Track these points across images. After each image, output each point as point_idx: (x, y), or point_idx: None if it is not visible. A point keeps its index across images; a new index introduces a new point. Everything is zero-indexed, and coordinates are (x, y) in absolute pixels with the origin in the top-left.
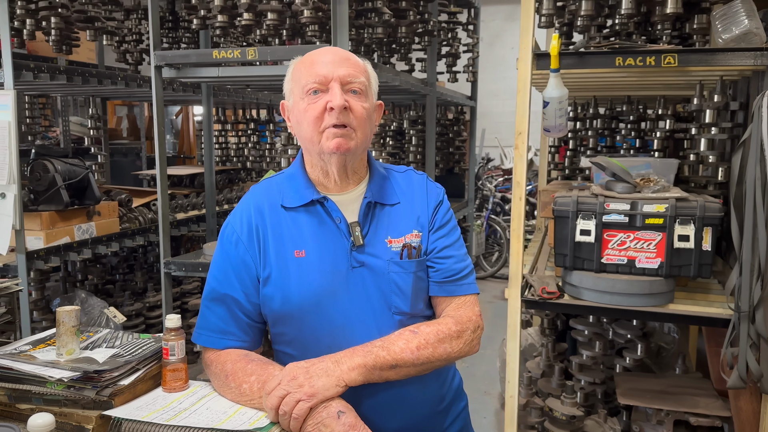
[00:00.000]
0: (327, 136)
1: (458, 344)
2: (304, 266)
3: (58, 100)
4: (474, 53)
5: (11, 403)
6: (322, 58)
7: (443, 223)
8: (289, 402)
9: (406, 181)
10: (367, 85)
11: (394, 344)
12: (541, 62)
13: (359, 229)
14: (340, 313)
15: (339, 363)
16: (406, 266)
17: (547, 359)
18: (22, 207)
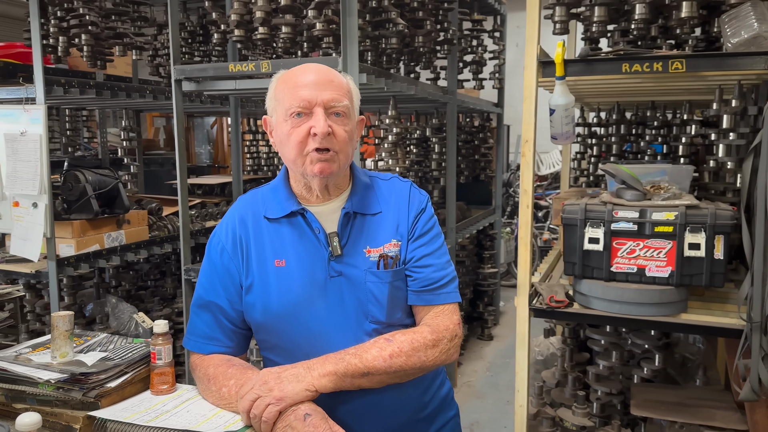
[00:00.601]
0: (311, 159)
1: (433, 353)
2: (284, 276)
3: (97, 113)
4: (500, 60)
5: (8, 403)
6: (306, 79)
7: (424, 232)
8: (259, 405)
9: (389, 189)
10: (350, 107)
11: (367, 352)
12: (548, 70)
13: (337, 240)
14: (318, 321)
15: (310, 369)
16: (382, 276)
17: (562, 369)
18: (54, 216)
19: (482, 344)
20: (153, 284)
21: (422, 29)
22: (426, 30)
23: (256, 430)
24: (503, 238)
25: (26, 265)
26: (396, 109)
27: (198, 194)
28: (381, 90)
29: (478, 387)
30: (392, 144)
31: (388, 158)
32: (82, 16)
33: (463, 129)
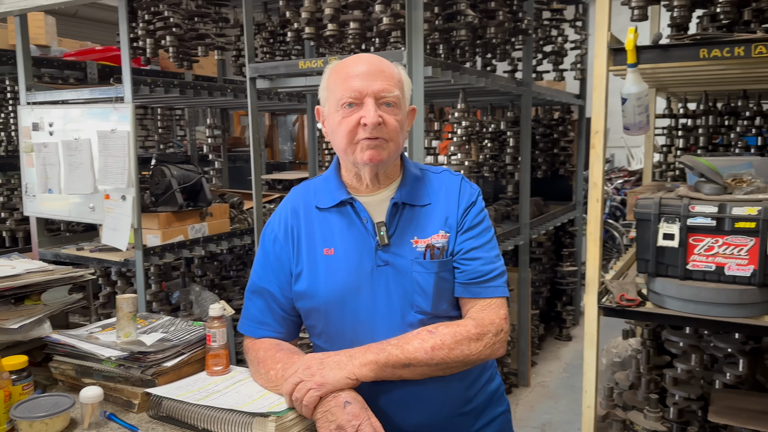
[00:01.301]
0: (361, 147)
1: (477, 347)
2: (332, 264)
3: (186, 112)
4: (582, 50)
5: (78, 377)
6: (357, 69)
7: (473, 224)
8: (301, 389)
9: (440, 182)
10: (401, 97)
11: (408, 343)
12: (619, 57)
13: (385, 229)
14: (364, 309)
15: (352, 358)
16: (428, 266)
17: (637, 371)
18: (142, 208)
19: (559, 344)
20: (234, 274)
21: (494, 20)
22: (498, 21)
23: (298, 412)
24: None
25: (116, 254)
26: (465, 102)
27: (278, 189)
28: (448, 83)
29: (552, 388)
30: (461, 138)
31: (458, 152)
32: (166, 19)
33: (541, 122)
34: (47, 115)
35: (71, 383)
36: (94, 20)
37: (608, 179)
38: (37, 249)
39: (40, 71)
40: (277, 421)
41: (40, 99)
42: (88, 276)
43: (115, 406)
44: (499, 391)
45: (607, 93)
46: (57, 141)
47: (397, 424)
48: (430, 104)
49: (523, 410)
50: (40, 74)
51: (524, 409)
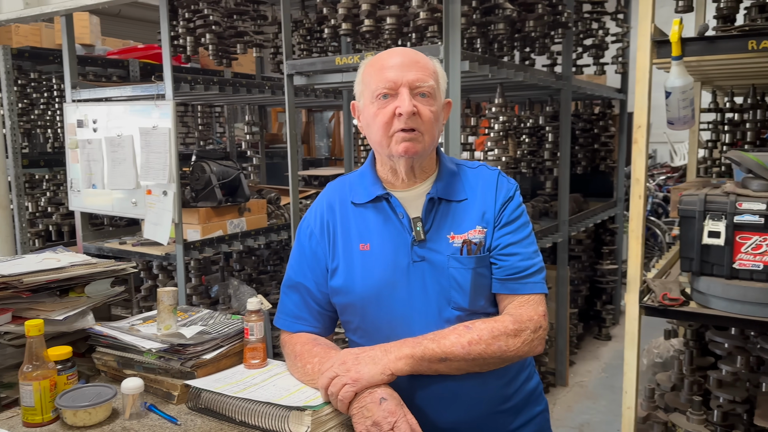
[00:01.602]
0: (396, 140)
1: (515, 343)
2: (368, 259)
3: (225, 109)
4: (624, 43)
5: (119, 369)
6: (391, 61)
7: (511, 220)
8: (336, 384)
9: (477, 176)
10: (436, 88)
11: (445, 338)
12: (663, 50)
13: (421, 225)
14: (400, 305)
15: (387, 352)
16: (465, 262)
17: (679, 372)
18: (183, 203)
19: (599, 344)
20: (272, 269)
21: (533, 13)
22: (537, 14)
23: (333, 407)
24: (626, 233)
25: (158, 248)
26: (503, 97)
27: (314, 185)
28: (486, 77)
29: (591, 388)
30: (499, 133)
31: (495, 147)
32: (206, 17)
33: (581, 117)
34: (91, 112)
35: (113, 374)
36: (137, 19)
37: (651, 175)
38: (82, 243)
39: (85, 69)
40: (313, 415)
41: (84, 96)
42: (130, 269)
43: (155, 398)
44: (538, 390)
45: (650, 87)
46: (101, 137)
47: (433, 421)
48: (467, 99)
49: (560, 410)
50: (85, 72)
51: (562, 409)
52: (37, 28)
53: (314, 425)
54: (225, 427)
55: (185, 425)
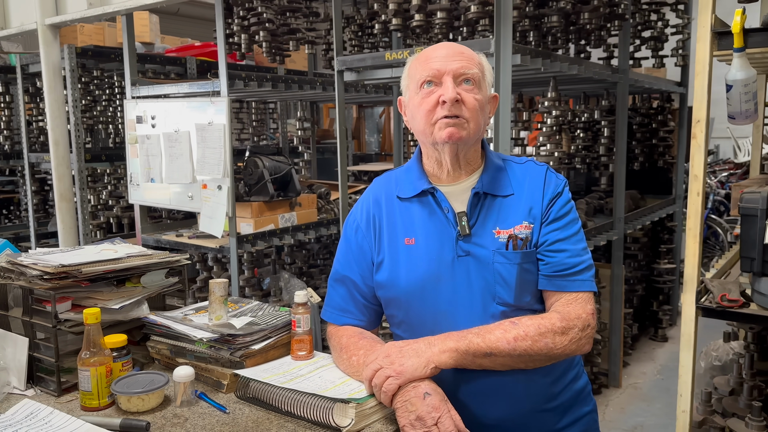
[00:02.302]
0: (439, 126)
1: (562, 341)
2: (413, 253)
3: (278, 105)
4: (684, 35)
5: (172, 357)
6: (436, 53)
7: (559, 216)
8: (380, 376)
9: (524, 172)
10: (481, 77)
11: (490, 333)
12: (724, 41)
13: (466, 219)
14: (444, 299)
15: (431, 345)
16: (510, 257)
17: (739, 376)
18: (236, 198)
19: (654, 345)
20: (322, 263)
21: (588, 5)
22: (593, 6)
23: (377, 399)
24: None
25: (212, 241)
26: (556, 91)
27: (364, 180)
28: (538, 71)
29: (645, 390)
30: (552, 128)
31: (547, 142)
32: (260, 14)
33: (639, 111)
34: (150, 108)
35: (166, 362)
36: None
37: (711, 172)
38: (140, 235)
39: (145, 67)
40: (357, 408)
41: (143, 93)
42: (184, 261)
43: (205, 386)
44: (586, 390)
45: (710, 80)
46: (159, 133)
47: (476, 417)
48: (519, 93)
49: (612, 412)
50: (144, 70)
51: (614, 410)
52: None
53: (358, 418)
54: (272, 417)
55: (234, 414)
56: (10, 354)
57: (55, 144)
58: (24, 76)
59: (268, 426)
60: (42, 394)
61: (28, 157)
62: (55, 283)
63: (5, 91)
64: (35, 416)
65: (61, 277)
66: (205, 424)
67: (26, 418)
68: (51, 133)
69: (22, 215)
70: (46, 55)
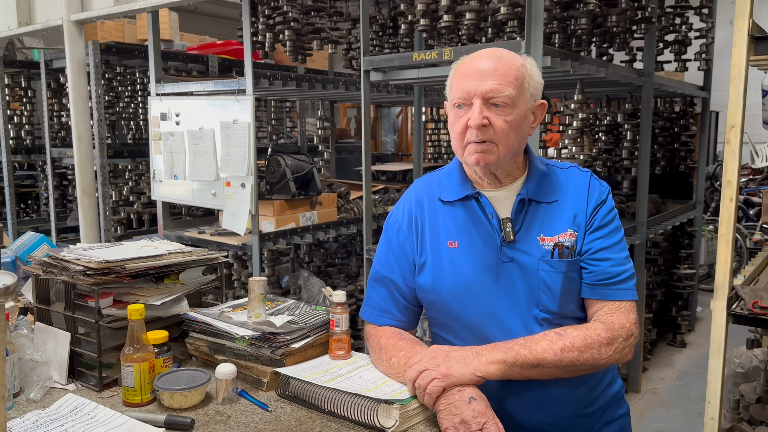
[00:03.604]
0: (469, 150)
1: (607, 351)
2: (456, 257)
3: (297, 104)
4: (708, 39)
5: (211, 354)
6: (470, 69)
7: (603, 224)
8: (425, 377)
9: (567, 178)
10: (514, 96)
11: (537, 344)
12: (761, 46)
13: (510, 225)
14: (488, 304)
15: (479, 355)
16: (556, 266)
17: (765, 383)
18: (258, 195)
19: (673, 351)
20: (340, 262)
21: (616, 8)
22: (620, 9)
23: (419, 400)
24: (704, 237)
25: (234, 238)
26: (583, 93)
27: (381, 180)
28: (567, 73)
29: (664, 395)
30: (577, 130)
31: (572, 145)
32: (285, 13)
33: (661, 115)
34: (174, 105)
35: (204, 359)
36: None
37: None
38: (163, 231)
39: (167, 64)
40: (401, 409)
41: (168, 90)
42: (222, 258)
43: (245, 383)
44: (620, 394)
45: (746, 85)
46: (183, 130)
47: (518, 422)
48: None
49: (633, 417)
50: (167, 67)
51: (634, 415)
52: (120, 24)
53: (402, 419)
54: (314, 416)
55: (276, 412)
56: (51, 348)
57: (79, 139)
58: (47, 72)
59: (311, 425)
60: (83, 389)
61: (50, 152)
62: (98, 279)
63: (27, 86)
64: (80, 411)
65: (104, 272)
66: (248, 421)
67: (71, 412)
68: (74, 129)
69: (41, 210)
70: (71, 51)
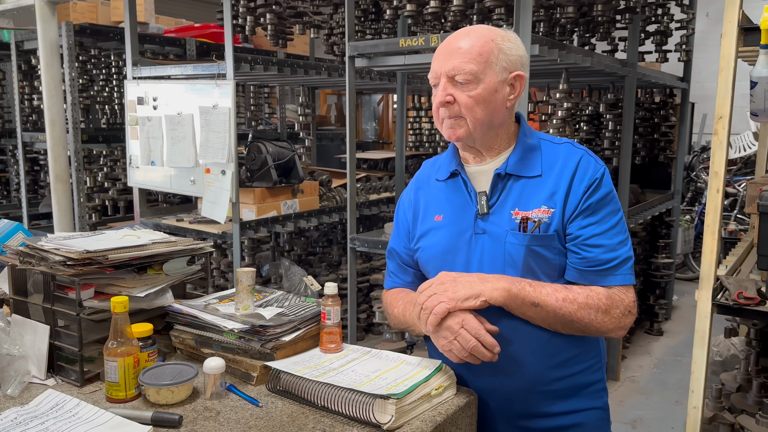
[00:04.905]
0: (443, 126)
1: (603, 318)
2: (439, 230)
3: (277, 90)
4: (688, 30)
5: (197, 347)
6: (441, 49)
7: (597, 208)
8: (433, 300)
9: (557, 153)
10: (477, 71)
11: (542, 287)
12: (750, 37)
13: (485, 199)
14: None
15: (485, 281)
16: (520, 238)
17: (745, 372)
18: (239, 183)
19: (650, 339)
20: (321, 251)
21: None
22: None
23: (422, 322)
24: (681, 227)
25: (214, 227)
26: (568, 83)
27: (363, 168)
28: (553, 62)
29: (643, 383)
30: (561, 120)
31: (555, 134)
32: None
33: (642, 105)
34: (152, 89)
35: (190, 352)
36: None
37: (704, 168)
38: (140, 219)
39: (143, 47)
40: (397, 404)
41: (145, 74)
42: (208, 248)
43: (233, 378)
44: (598, 386)
45: (734, 75)
46: (161, 115)
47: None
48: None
49: (612, 404)
50: (143, 50)
51: (613, 403)
52: (93, 5)
53: (398, 414)
54: (307, 411)
55: (267, 407)
56: (29, 342)
57: (52, 124)
58: (18, 53)
59: (304, 421)
60: (63, 384)
61: (22, 137)
62: (78, 270)
63: None
64: (61, 408)
65: (85, 263)
66: (239, 417)
67: (51, 409)
68: (47, 113)
69: (12, 196)
70: (43, 32)
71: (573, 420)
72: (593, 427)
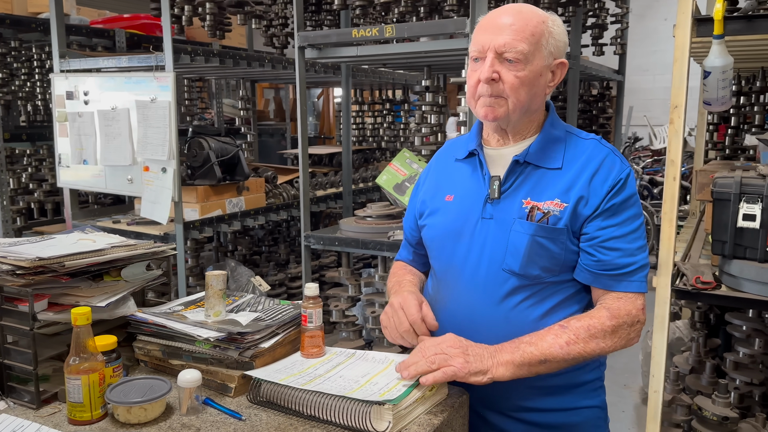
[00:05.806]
0: (480, 104)
1: (612, 340)
2: (447, 209)
3: (212, 84)
4: (623, 24)
5: (164, 359)
6: (490, 22)
7: (619, 210)
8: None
9: (582, 149)
10: (527, 52)
11: (542, 339)
12: (702, 28)
13: (498, 184)
14: (459, 256)
15: (493, 356)
16: (525, 227)
17: (697, 355)
18: (180, 181)
19: None
20: (267, 250)
21: None
22: None
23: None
24: None
25: (154, 228)
26: None
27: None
28: None
29: None
30: None
31: None
32: None
33: (581, 97)
34: (82, 83)
35: (156, 364)
36: None
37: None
38: (71, 221)
39: (69, 39)
40: (393, 410)
41: (74, 67)
42: (170, 251)
43: (208, 390)
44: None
45: (689, 65)
46: (93, 110)
47: None
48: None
49: None
50: (68, 42)
51: None
52: None
53: (395, 420)
54: (295, 422)
55: (250, 420)
56: None
57: None
58: None
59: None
60: (16, 407)
61: None
62: (30, 279)
63: None
64: None
65: (38, 271)
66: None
67: None
68: None
69: None
70: None
71: (568, 419)
72: (590, 426)
